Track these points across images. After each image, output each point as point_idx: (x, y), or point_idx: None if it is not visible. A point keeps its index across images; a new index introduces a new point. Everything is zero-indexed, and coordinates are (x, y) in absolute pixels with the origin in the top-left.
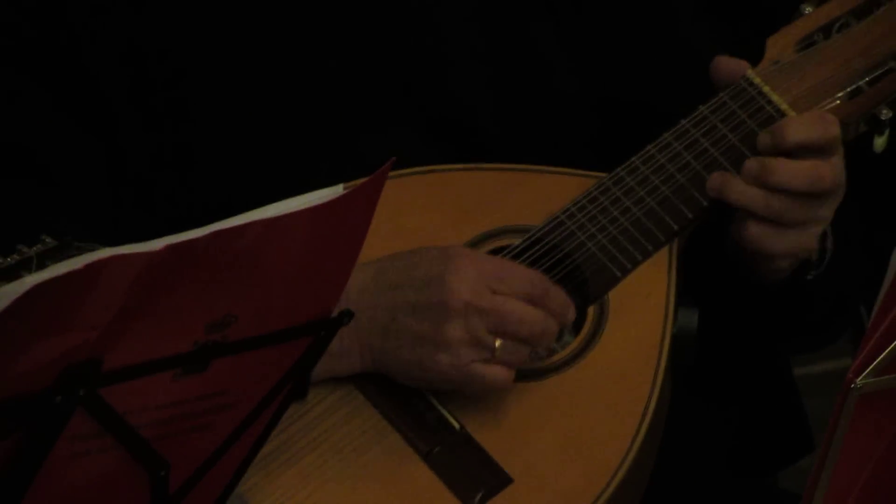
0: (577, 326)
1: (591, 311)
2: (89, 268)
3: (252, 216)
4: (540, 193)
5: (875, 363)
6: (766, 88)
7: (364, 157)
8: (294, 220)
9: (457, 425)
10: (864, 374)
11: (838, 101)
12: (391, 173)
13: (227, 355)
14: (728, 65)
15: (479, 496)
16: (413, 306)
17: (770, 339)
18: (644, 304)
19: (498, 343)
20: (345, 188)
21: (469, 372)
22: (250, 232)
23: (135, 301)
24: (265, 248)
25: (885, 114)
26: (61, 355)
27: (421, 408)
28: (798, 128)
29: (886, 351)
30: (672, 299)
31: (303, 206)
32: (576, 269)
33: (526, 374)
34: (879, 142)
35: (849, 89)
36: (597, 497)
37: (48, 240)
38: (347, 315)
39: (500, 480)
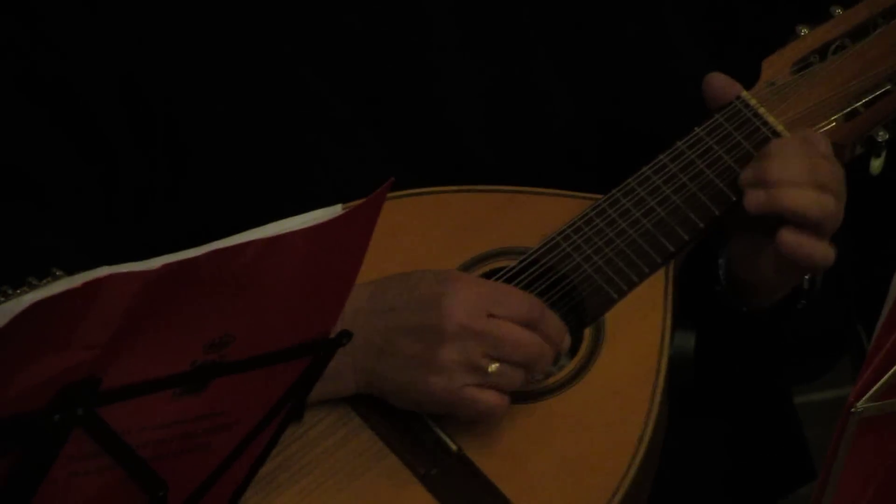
0: (573, 348)
1: (587, 332)
2: (87, 286)
3: (250, 235)
4: (535, 215)
5: (876, 387)
6: (761, 110)
7: (358, 181)
8: (293, 239)
9: (454, 447)
10: (864, 398)
11: (834, 123)
12: (390, 195)
13: (226, 375)
14: (720, 82)
15: None
16: (408, 328)
17: (762, 365)
18: (640, 326)
19: (492, 367)
20: (343, 208)
21: (462, 396)
22: (249, 251)
23: (133, 320)
24: (263, 267)
25: (882, 136)
26: (59, 374)
27: (418, 429)
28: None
29: (887, 375)
30: (668, 321)
31: (301, 226)
32: (572, 290)
33: (523, 396)
34: (876, 164)
35: (845, 111)
36: None
37: (34, 281)
38: (346, 336)
39: (498, 502)
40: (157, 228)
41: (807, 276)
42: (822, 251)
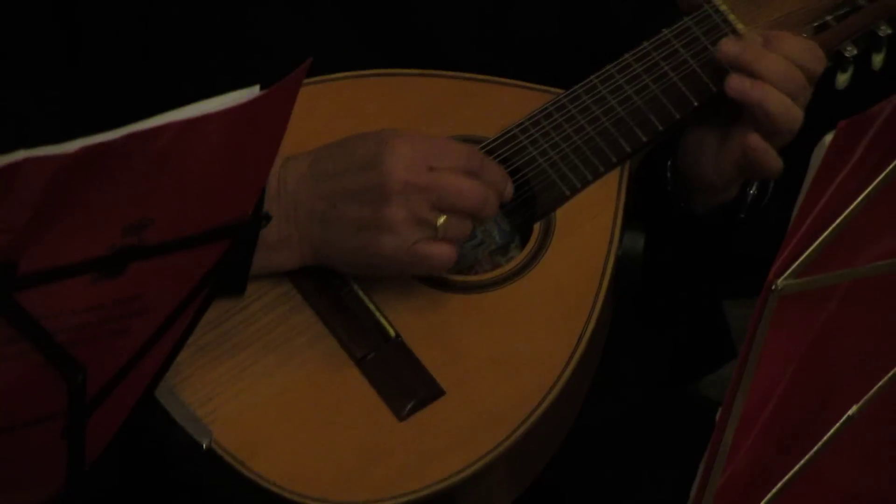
0: (522, 243)
1: (537, 227)
2: (3, 169)
3: (168, 118)
4: (495, 105)
5: (796, 264)
6: (731, 17)
7: (316, 57)
8: (210, 121)
9: (393, 333)
10: (784, 276)
11: (804, 35)
12: (346, 74)
13: (144, 259)
14: None
15: (409, 405)
16: (351, 192)
17: (705, 272)
18: (591, 225)
19: (441, 220)
20: (261, 90)
21: (414, 251)
22: (166, 133)
23: (50, 203)
24: (181, 149)
25: (850, 51)
26: None
27: (358, 312)
28: (793, 46)
29: (808, 251)
30: (619, 222)
31: (220, 108)
32: (525, 183)
33: (468, 287)
34: (842, 79)
35: (815, 24)
36: (528, 415)
37: None
38: (265, 218)
39: (432, 392)
40: (117, 100)
41: (751, 191)
42: (777, 162)
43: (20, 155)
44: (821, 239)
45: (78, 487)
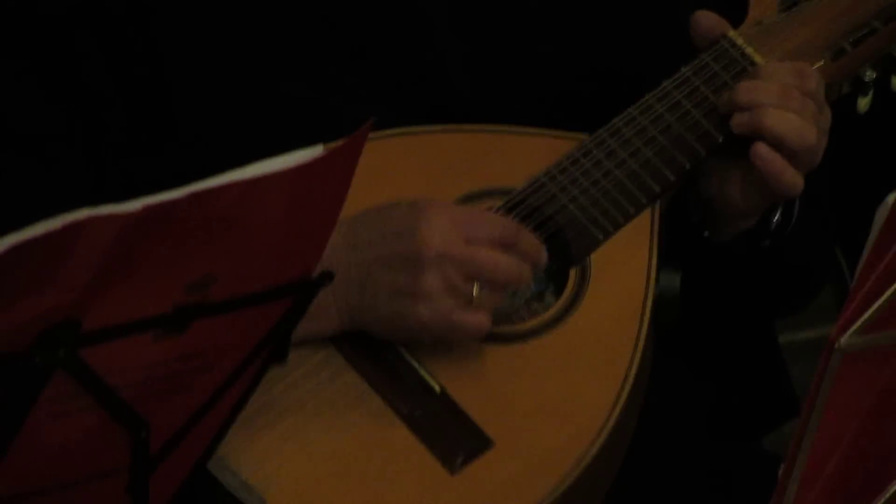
0: (558, 290)
1: (573, 273)
2: (67, 228)
3: (232, 177)
4: (521, 155)
5: (859, 322)
6: (748, 49)
7: (338, 122)
8: (273, 180)
9: (437, 388)
10: (848, 333)
11: (822, 62)
12: (373, 135)
13: (207, 316)
14: (708, 20)
15: (459, 459)
16: (387, 260)
17: (743, 300)
18: (626, 267)
19: (476, 291)
20: (325, 149)
21: (450, 320)
22: (229, 192)
23: (113, 262)
24: (245, 208)
25: (869, 75)
26: (39, 316)
27: (402, 370)
28: (777, 69)
29: (871, 309)
30: (654, 262)
31: (282, 167)
32: (558, 231)
33: (508, 338)
34: (863, 103)
35: (833, 50)
36: (578, 461)
37: None
38: (328, 276)
39: (481, 443)
40: (141, 182)
41: (775, 218)
42: (791, 175)
43: (84, 214)
44: (885, 296)
45: None
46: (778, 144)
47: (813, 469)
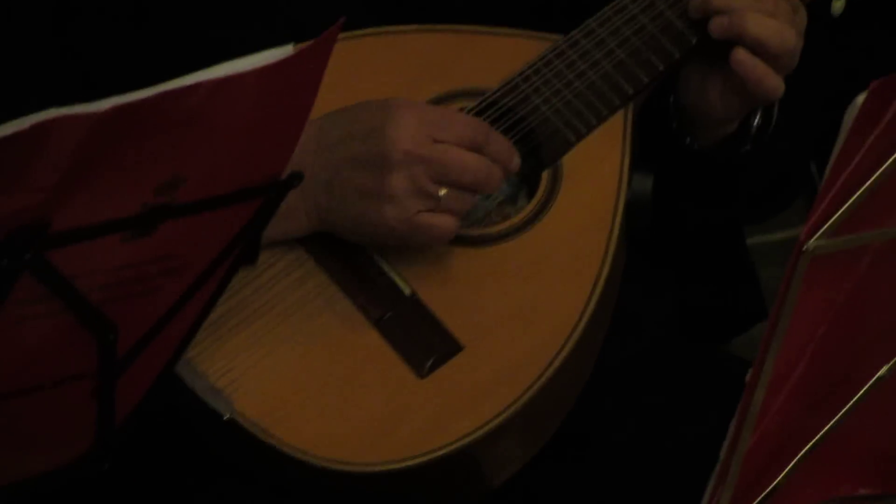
0: (530, 192)
1: (544, 176)
2: (35, 128)
3: (200, 76)
4: (495, 56)
5: (827, 224)
6: None
7: (312, 21)
8: (242, 80)
9: (407, 291)
10: (816, 236)
11: None
12: (342, 35)
13: (176, 217)
14: None
15: (429, 363)
16: (355, 160)
17: (716, 205)
18: (598, 170)
19: (442, 192)
20: (295, 48)
21: (415, 222)
22: (197, 92)
23: (82, 162)
24: (214, 107)
25: None
26: (6, 218)
27: (372, 273)
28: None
29: (839, 212)
30: (626, 165)
31: (253, 66)
32: (530, 132)
33: (478, 241)
34: (837, 5)
35: None
36: (547, 365)
37: None
38: (297, 177)
39: (451, 347)
40: (113, 62)
41: (755, 121)
42: (773, 80)
43: (52, 113)
44: (853, 198)
45: (105, 448)
46: (758, 49)
47: (780, 373)
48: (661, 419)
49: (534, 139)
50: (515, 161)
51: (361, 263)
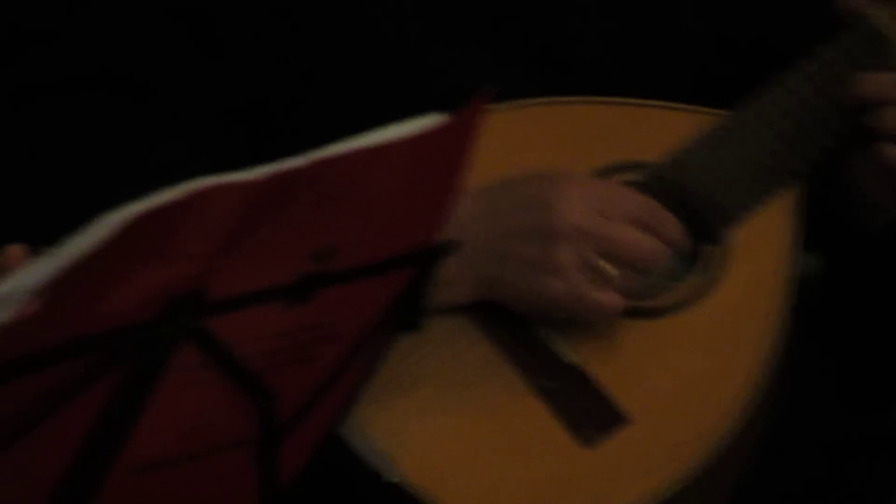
0: (694, 267)
1: (710, 250)
2: (192, 197)
3: (353, 144)
4: (660, 130)
5: None
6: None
7: (472, 92)
8: (395, 148)
9: (573, 361)
10: None
11: None
12: (509, 105)
13: (332, 285)
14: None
15: (594, 434)
16: (521, 231)
17: (887, 289)
18: (764, 247)
19: (611, 269)
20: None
21: (581, 297)
22: (352, 160)
23: (237, 231)
24: (367, 176)
25: None
26: (164, 287)
27: (537, 343)
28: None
29: None
30: (793, 243)
31: (404, 135)
32: (696, 208)
33: (644, 313)
34: None
35: None
36: (718, 440)
37: None
38: (452, 245)
39: (617, 418)
40: (273, 142)
41: None
42: None
43: (209, 182)
44: None
45: None
46: None
47: None
48: (831, 490)
49: (700, 214)
50: (681, 238)
51: (526, 333)
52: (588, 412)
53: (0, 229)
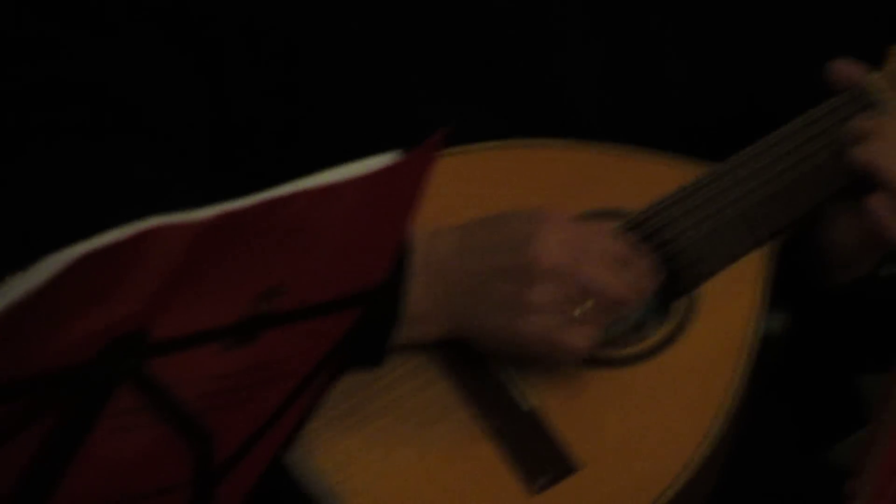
0: (662, 318)
1: (680, 303)
2: (136, 237)
3: (302, 185)
4: (644, 178)
5: None
6: (885, 96)
7: (459, 135)
8: (344, 188)
9: (527, 406)
10: None
11: None
12: (494, 145)
13: (277, 326)
14: (845, 68)
15: (542, 481)
16: (499, 270)
17: (849, 352)
18: (734, 303)
19: (579, 311)
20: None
21: (552, 338)
22: (300, 200)
23: (182, 271)
24: (315, 215)
25: None
26: (106, 327)
27: (495, 385)
28: None
29: None
30: (763, 301)
31: (354, 174)
32: (671, 258)
33: (606, 362)
34: None
35: None
36: (659, 495)
37: None
38: (391, 286)
39: (565, 467)
40: (263, 170)
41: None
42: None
43: (153, 222)
44: None
45: None
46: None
47: (883, 483)
48: None
49: (674, 265)
50: (654, 284)
51: (485, 374)
52: (539, 459)
53: None
